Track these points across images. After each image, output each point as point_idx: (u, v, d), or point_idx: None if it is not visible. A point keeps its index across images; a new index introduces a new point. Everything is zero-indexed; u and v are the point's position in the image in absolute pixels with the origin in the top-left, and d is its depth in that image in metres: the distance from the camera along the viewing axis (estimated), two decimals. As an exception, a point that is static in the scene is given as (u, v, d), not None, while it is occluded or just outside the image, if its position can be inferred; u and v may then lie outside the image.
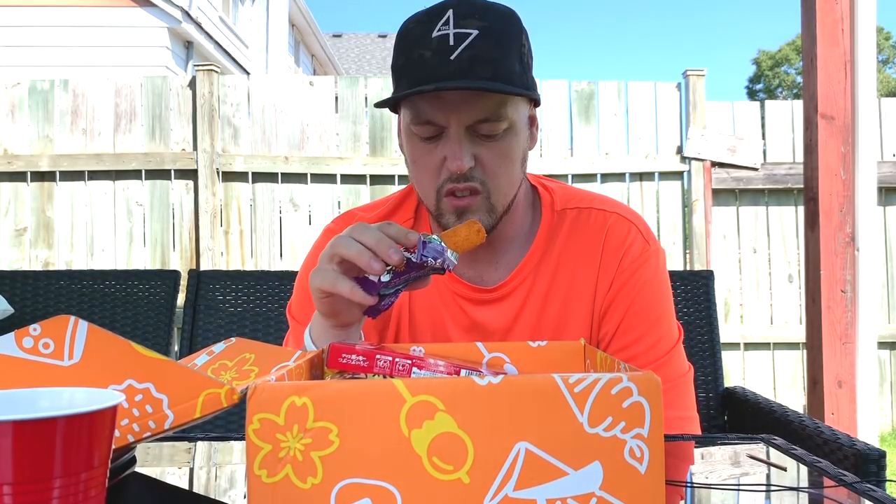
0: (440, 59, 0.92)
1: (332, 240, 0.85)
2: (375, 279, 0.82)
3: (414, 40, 0.96)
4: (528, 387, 0.54)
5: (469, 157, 0.95)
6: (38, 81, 4.06)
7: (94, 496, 0.49)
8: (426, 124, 0.96)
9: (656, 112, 4.10)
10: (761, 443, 0.90)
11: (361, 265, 0.81)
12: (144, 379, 0.61)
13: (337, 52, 21.70)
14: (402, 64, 0.97)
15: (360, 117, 4.10)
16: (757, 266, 4.09)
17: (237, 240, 4.05)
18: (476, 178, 0.97)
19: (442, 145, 0.97)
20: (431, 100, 0.95)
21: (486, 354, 0.83)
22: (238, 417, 1.58)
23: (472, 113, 0.94)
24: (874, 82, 2.17)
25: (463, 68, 0.91)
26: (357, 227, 0.83)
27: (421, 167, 1.00)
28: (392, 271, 0.82)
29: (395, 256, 0.80)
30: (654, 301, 1.08)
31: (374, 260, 0.80)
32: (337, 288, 0.83)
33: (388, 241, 0.81)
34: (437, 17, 0.94)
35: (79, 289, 1.96)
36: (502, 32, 0.95)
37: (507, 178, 1.00)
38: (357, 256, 0.81)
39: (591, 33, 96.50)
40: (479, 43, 0.92)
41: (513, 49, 0.95)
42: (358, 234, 0.82)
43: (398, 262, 0.80)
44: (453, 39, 0.92)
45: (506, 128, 0.97)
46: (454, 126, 0.95)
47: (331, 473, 0.53)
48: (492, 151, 0.97)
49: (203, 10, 9.72)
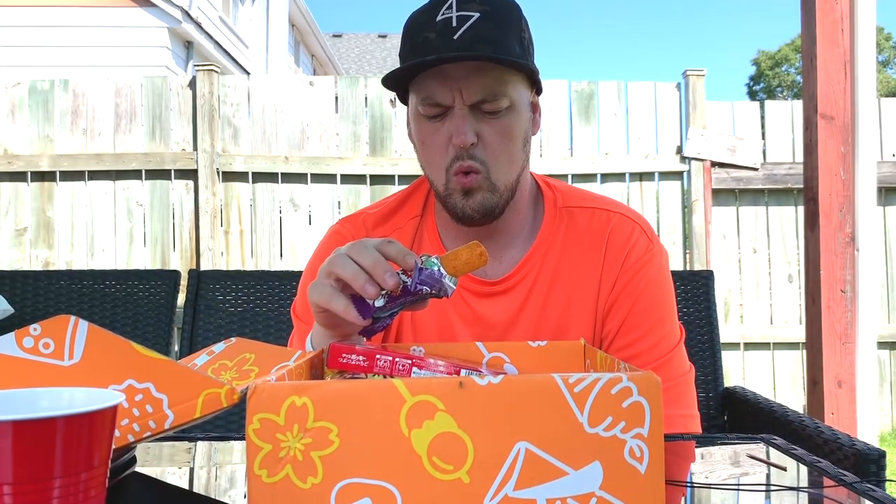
0: (443, 40, 0.97)
1: (332, 255, 0.84)
2: (371, 302, 0.80)
3: (419, 26, 1.01)
4: (528, 387, 0.54)
5: (472, 133, 1.00)
6: (38, 81, 4.06)
7: (94, 496, 0.49)
8: (433, 105, 1.01)
9: (656, 112, 4.10)
10: (761, 443, 0.90)
11: (356, 288, 0.79)
12: (144, 379, 0.61)
13: (337, 52, 21.70)
14: (408, 49, 1.02)
15: (360, 117, 4.10)
16: (757, 266, 4.09)
17: (237, 240, 4.05)
18: (477, 158, 1.01)
19: (448, 123, 1.01)
20: (436, 78, 0.99)
21: (486, 354, 0.83)
22: (238, 417, 1.58)
23: (475, 90, 0.99)
24: (874, 82, 2.17)
25: (465, 46, 0.96)
26: (356, 245, 0.82)
27: (429, 147, 1.04)
28: (387, 295, 0.79)
29: (390, 281, 0.78)
30: (657, 300, 1.09)
31: (369, 283, 0.78)
32: (332, 305, 0.81)
33: (384, 265, 0.79)
34: (441, 3, 1.00)
35: (79, 289, 1.96)
36: (503, 17, 1.00)
37: (508, 156, 1.03)
38: (352, 279, 0.79)
39: (591, 33, 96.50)
40: (480, 24, 0.97)
41: (513, 31, 1.01)
42: (355, 253, 0.80)
43: (393, 287, 0.78)
44: (456, 21, 0.98)
45: (507, 105, 1.01)
46: (458, 104, 1.00)
47: (331, 473, 0.53)
48: (494, 129, 1.01)
49: (203, 10, 9.72)
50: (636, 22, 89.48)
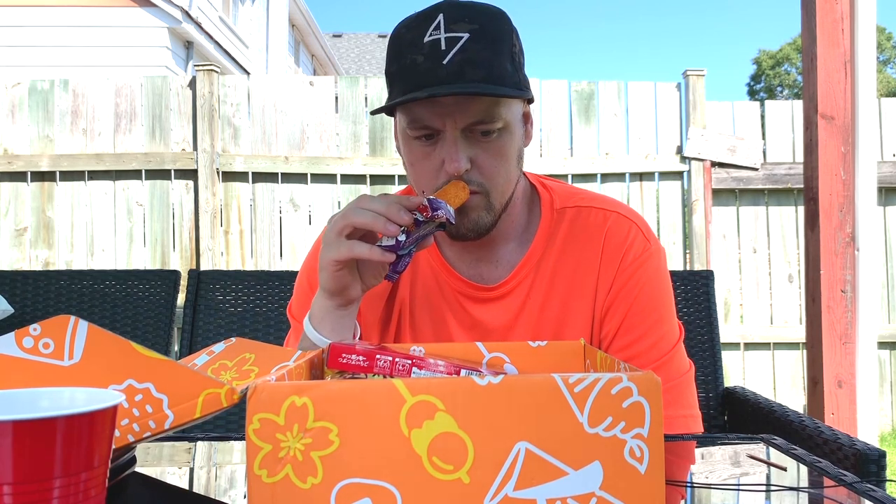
0: (432, 64, 0.93)
1: (341, 212, 0.91)
2: (392, 241, 0.88)
3: (406, 45, 0.97)
4: (528, 387, 0.54)
5: (465, 160, 0.97)
6: (38, 81, 4.06)
7: (94, 496, 0.49)
8: (422, 128, 0.98)
9: (656, 112, 4.10)
10: (761, 443, 0.90)
11: (378, 229, 0.87)
12: (144, 379, 0.61)
13: (337, 52, 21.70)
14: (396, 70, 0.99)
15: (360, 117, 4.10)
16: (757, 266, 4.09)
17: (237, 240, 4.05)
18: (473, 182, 0.99)
19: (439, 147, 0.98)
20: (426, 105, 0.96)
21: (486, 354, 0.83)
22: (238, 417, 1.58)
23: (467, 116, 0.96)
24: (874, 82, 2.17)
25: (455, 72, 0.93)
26: (362, 198, 0.90)
27: (419, 170, 1.02)
28: (405, 231, 0.88)
29: (405, 217, 0.87)
30: (655, 300, 1.08)
31: (388, 223, 0.86)
32: (355, 252, 0.88)
33: (396, 205, 0.87)
34: (428, 21, 0.95)
35: (79, 289, 1.96)
36: (493, 34, 0.96)
37: (504, 177, 1.02)
38: (372, 223, 0.87)
39: (591, 33, 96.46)
40: (470, 46, 0.93)
41: (504, 50, 0.96)
42: (366, 203, 0.88)
43: (409, 222, 0.88)
44: (445, 44, 0.93)
45: (500, 127, 0.98)
46: (450, 129, 0.96)
47: (331, 473, 0.53)
48: (487, 152, 0.99)
49: (203, 10, 9.72)
50: (636, 22, 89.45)
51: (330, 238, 0.91)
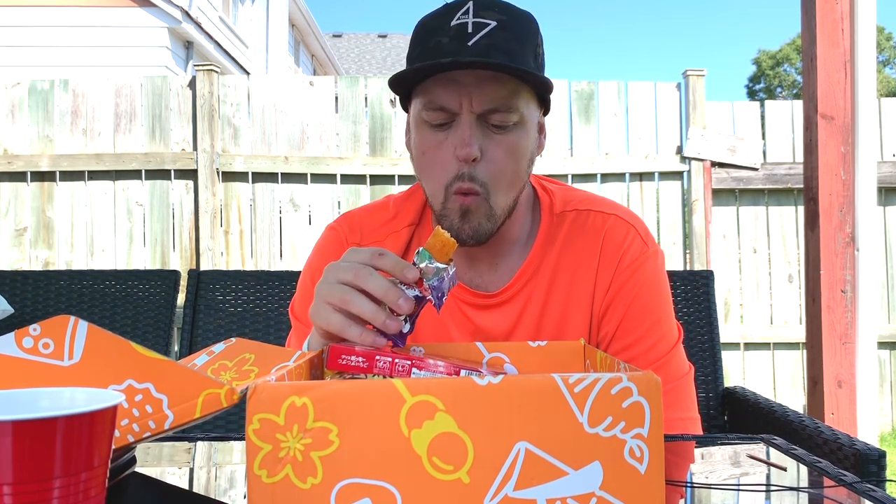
0: (457, 45, 0.92)
1: (331, 277, 0.80)
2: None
3: (432, 30, 0.96)
4: (528, 387, 0.54)
5: (477, 147, 0.95)
6: (38, 81, 4.06)
7: (94, 496, 0.49)
8: (438, 110, 0.96)
9: (656, 112, 4.10)
10: (761, 443, 0.90)
11: (378, 325, 0.77)
12: (144, 379, 0.61)
13: (337, 52, 21.70)
14: (419, 52, 0.97)
15: (360, 117, 4.10)
16: (757, 266, 4.09)
17: (237, 240, 4.05)
18: (477, 180, 0.96)
19: (452, 135, 0.96)
20: (444, 84, 0.94)
21: (486, 354, 0.83)
22: (238, 417, 1.58)
23: (485, 99, 0.94)
24: (874, 82, 2.17)
25: (480, 52, 0.92)
26: (361, 272, 0.78)
27: (430, 158, 0.99)
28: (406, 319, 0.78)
29: (405, 306, 0.77)
30: (653, 302, 1.08)
31: (389, 319, 0.76)
32: (346, 333, 0.78)
33: (395, 291, 0.77)
34: (457, 8, 0.95)
35: (79, 289, 1.96)
36: (520, 28, 0.96)
37: (511, 177, 0.99)
38: (373, 317, 0.77)
39: (591, 33, 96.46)
40: (497, 33, 0.93)
41: (528, 46, 0.96)
42: (362, 281, 0.77)
43: (410, 310, 0.77)
44: (472, 27, 0.93)
45: (516, 121, 0.97)
46: (465, 111, 0.95)
47: (331, 473, 0.53)
48: (500, 146, 0.97)
49: (203, 10, 9.72)
50: (636, 22, 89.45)
51: (322, 300, 0.80)
